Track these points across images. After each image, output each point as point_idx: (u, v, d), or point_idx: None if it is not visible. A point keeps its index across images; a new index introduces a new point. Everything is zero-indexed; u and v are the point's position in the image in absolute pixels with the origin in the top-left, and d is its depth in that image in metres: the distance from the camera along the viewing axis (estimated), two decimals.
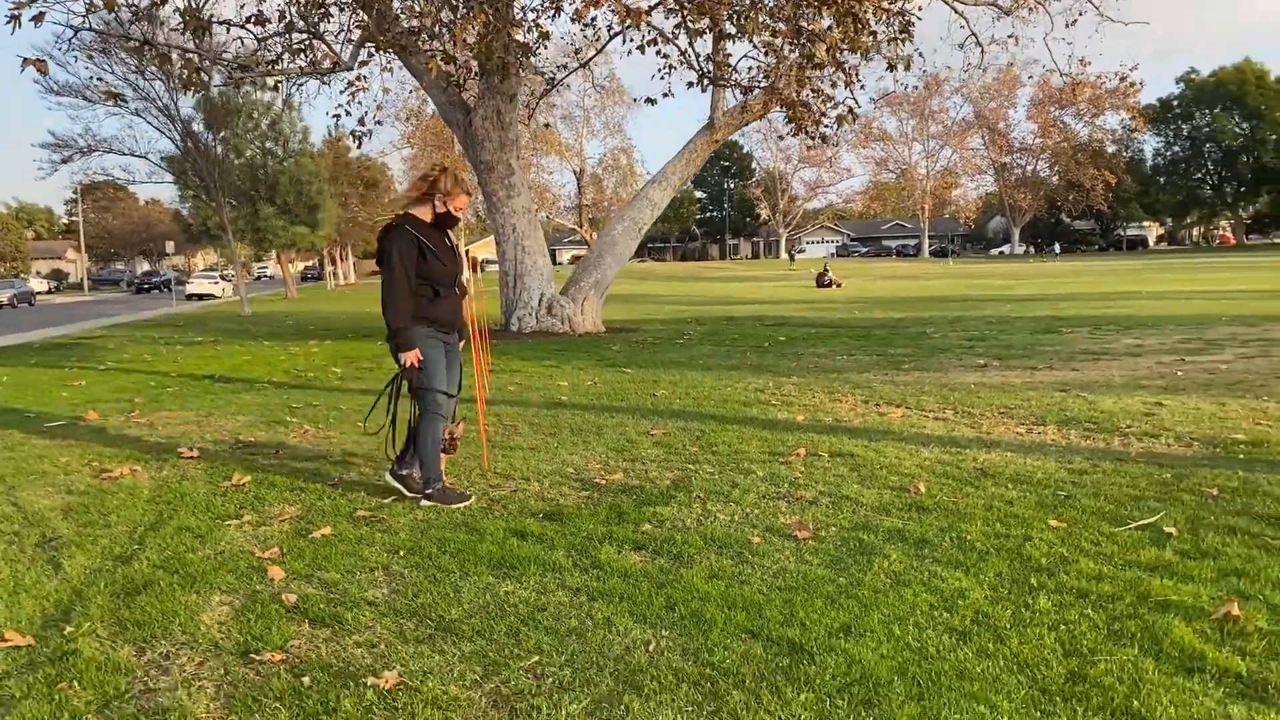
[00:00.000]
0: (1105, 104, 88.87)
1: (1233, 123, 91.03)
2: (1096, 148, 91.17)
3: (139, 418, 8.64)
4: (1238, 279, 30.99)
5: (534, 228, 17.38)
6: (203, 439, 7.41)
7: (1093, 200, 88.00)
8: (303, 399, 9.50)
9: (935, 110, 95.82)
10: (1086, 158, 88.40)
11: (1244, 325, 14.19)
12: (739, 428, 7.09)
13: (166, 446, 7.08)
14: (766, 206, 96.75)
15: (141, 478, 6.10)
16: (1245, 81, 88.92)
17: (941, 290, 31.54)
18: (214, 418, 8.47)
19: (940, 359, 11.32)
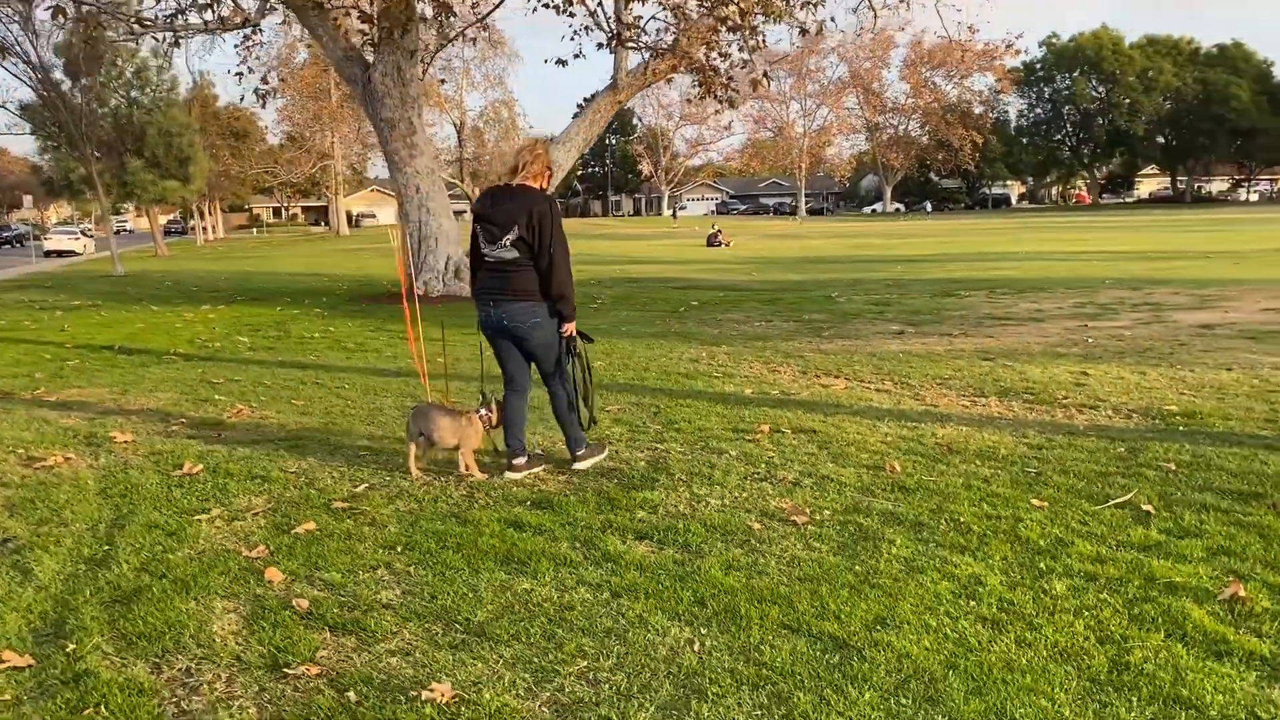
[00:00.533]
0: (974, 66, 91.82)
1: (1090, 87, 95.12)
2: (965, 109, 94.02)
3: (47, 395, 8.16)
4: (1103, 239, 32.58)
5: (439, 189, 16.98)
6: (129, 421, 7.04)
7: (961, 160, 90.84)
8: (221, 373, 9.11)
9: (812, 69, 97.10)
10: (955, 118, 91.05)
11: (1128, 289, 14.95)
12: (692, 402, 7.13)
13: (92, 430, 6.71)
14: (648, 163, 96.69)
15: (79, 467, 5.77)
16: (1102, 47, 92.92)
17: (827, 250, 32.21)
18: (131, 395, 8.06)
19: (856, 325, 11.58)
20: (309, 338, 11.76)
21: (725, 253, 32.72)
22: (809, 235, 48.34)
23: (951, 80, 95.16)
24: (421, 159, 16.77)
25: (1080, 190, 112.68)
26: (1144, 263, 20.77)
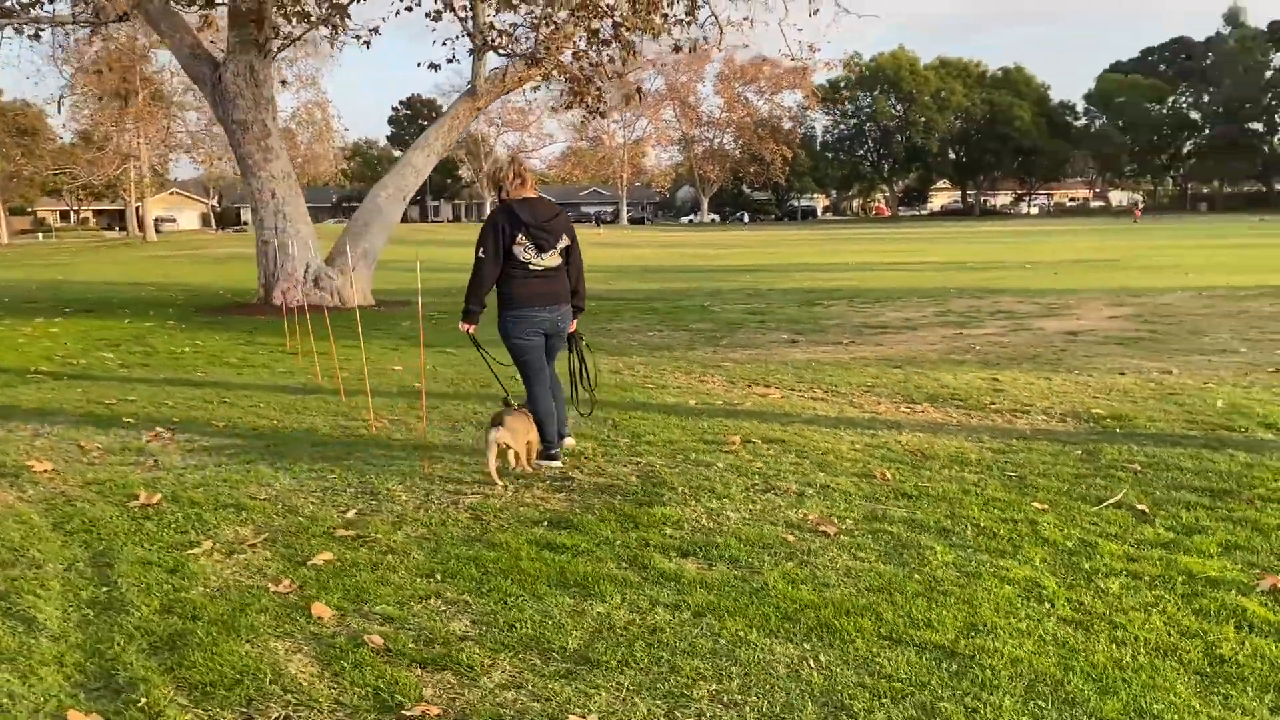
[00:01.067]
0: (784, 83, 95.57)
1: (890, 105, 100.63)
2: (775, 124, 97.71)
3: None
4: (919, 250, 34.54)
5: (295, 193, 16.26)
6: (34, 447, 6.43)
7: (773, 173, 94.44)
8: (109, 394, 8.42)
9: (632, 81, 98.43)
10: (767, 133, 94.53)
11: (974, 298, 15.92)
12: (643, 414, 7.12)
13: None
14: (469, 169, 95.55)
15: (9, 500, 5.22)
16: (900, 68, 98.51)
17: (663, 259, 32.77)
18: (18, 421, 7.34)
19: (748, 334, 11.85)
20: (180, 353, 11.02)
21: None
22: (637, 244, 49.00)
23: (763, 96, 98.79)
24: (277, 163, 16.03)
25: (879, 203, 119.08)
26: (972, 273, 22.16)
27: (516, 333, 5.65)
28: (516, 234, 5.51)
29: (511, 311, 5.62)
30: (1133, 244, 34.82)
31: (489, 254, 5.52)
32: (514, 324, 5.63)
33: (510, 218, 5.53)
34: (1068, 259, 26.67)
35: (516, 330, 5.64)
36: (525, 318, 5.62)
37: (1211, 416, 6.62)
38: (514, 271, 5.56)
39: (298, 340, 11.24)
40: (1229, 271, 19.99)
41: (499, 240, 5.51)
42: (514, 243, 5.52)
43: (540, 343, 5.72)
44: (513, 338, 5.67)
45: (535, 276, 5.59)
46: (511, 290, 5.60)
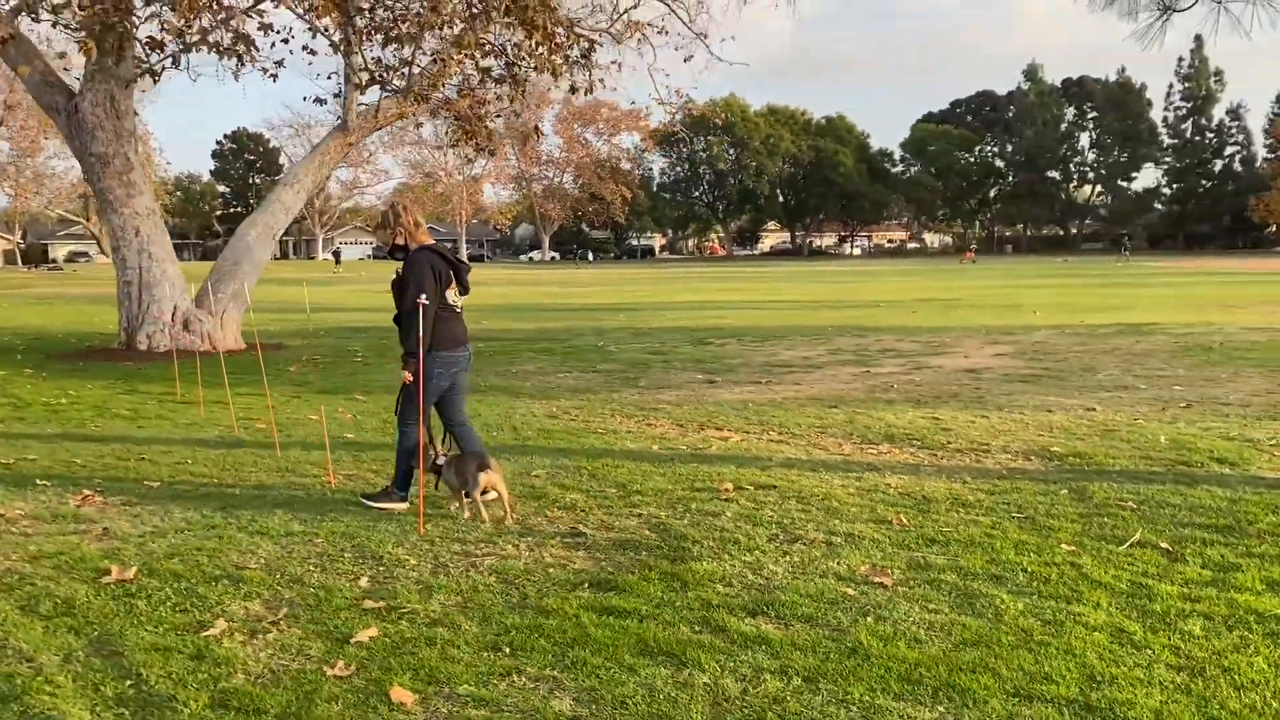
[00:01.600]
0: (621, 125, 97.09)
1: (723, 149, 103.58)
2: (614, 164, 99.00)
3: None
4: (768, 289, 35.44)
5: (161, 231, 15.24)
6: None
7: (613, 212, 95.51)
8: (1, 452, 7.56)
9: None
10: (607, 173, 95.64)
11: (855, 335, 16.40)
12: (613, 461, 6.90)
13: None
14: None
15: None
16: (733, 113, 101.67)
17: (523, 297, 32.42)
18: None
19: (660, 375, 11.76)
20: (57, 405, 10.04)
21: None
22: (490, 282, 48.42)
23: (601, 137, 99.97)
24: (141, 198, 14.99)
25: (713, 243, 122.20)
26: (836, 311, 22.86)
27: (440, 375, 5.71)
28: (450, 277, 5.65)
29: (440, 353, 5.66)
30: (967, 284, 36.79)
31: (432, 298, 5.52)
32: (439, 366, 5.68)
33: (443, 261, 5.65)
34: (914, 298, 27.91)
35: (441, 372, 5.71)
36: (450, 359, 5.73)
37: (1163, 452, 6.94)
38: (443, 314, 5.65)
39: (198, 389, 10.46)
40: (1071, 311, 21.35)
41: (438, 284, 5.57)
42: (449, 286, 5.66)
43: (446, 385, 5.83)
44: (434, 380, 5.69)
45: (456, 318, 5.77)
46: (442, 332, 5.64)
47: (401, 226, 5.68)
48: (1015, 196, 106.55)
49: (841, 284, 39.69)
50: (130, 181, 14.87)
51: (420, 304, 5.46)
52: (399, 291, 5.63)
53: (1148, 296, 26.38)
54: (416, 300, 5.46)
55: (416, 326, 5.47)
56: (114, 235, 14.90)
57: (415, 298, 5.46)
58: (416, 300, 5.46)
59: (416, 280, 5.50)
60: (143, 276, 14.82)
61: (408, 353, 5.59)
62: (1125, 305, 22.85)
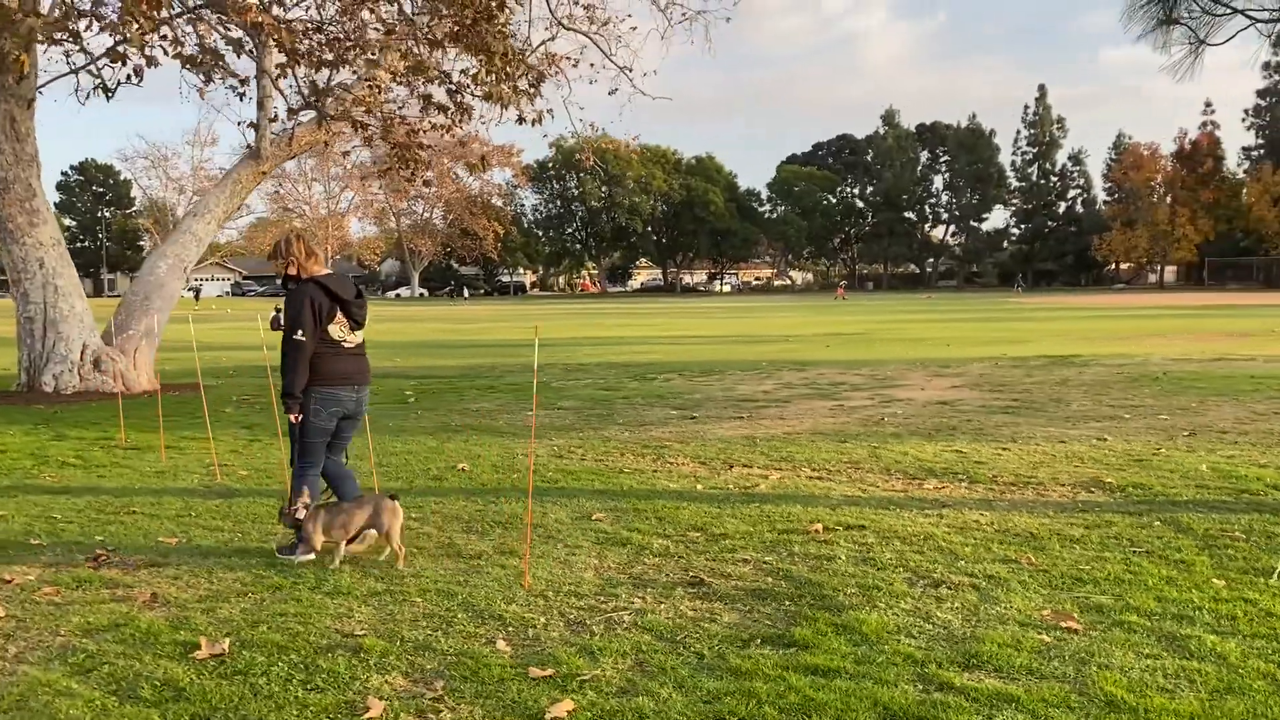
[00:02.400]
0: (493, 161, 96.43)
1: (596, 186, 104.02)
2: (486, 200, 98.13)
3: None
4: (666, 324, 35.41)
5: (67, 263, 14.02)
6: None
7: (485, 248, 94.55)
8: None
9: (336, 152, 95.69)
10: (479, 209, 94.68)
11: (793, 369, 16.36)
12: (668, 503, 6.48)
13: None
14: (153, 238, 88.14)
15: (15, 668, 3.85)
16: (605, 151, 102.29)
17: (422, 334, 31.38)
18: None
19: (633, 411, 11.36)
20: None
21: None
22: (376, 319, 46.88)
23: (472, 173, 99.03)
24: (45, 228, 13.77)
25: (585, 279, 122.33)
26: (747, 345, 22.90)
27: (317, 412, 5.42)
28: (334, 311, 5.37)
29: (320, 390, 5.39)
30: (854, 319, 37.67)
31: (309, 333, 5.27)
32: (317, 403, 5.40)
33: (326, 294, 5.35)
34: (815, 333, 28.31)
35: (319, 410, 5.42)
36: (333, 397, 5.44)
37: (1215, 481, 6.97)
38: (325, 349, 5.38)
39: (155, 434, 9.54)
40: (978, 344, 21.98)
41: (317, 318, 5.31)
42: (332, 320, 5.37)
43: (334, 425, 5.54)
44: (314, 417, 5.43)
45: (348, 355, 5.48)
46: (323, 368, 5.37)
47: (292, 256, 5.39)
48: (875, 236, 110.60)
49: (736, 319, 40.09)
50: (33, 209, 13.65)
51: (294, 339, 5.25)
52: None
53: (1037, 330, 27.48)
54: (292, 336, 5.25)
55: (292, 363, 5.27)
56: (14, 268, 13.60)
57: (291, 333, 5.25)
58: (292, 336, 5.25)
59: (292, 315, 5.28)
60: (47, 312, 13.57)
61: (284, 391, 5.34)
62: (1023, 339, 23.67)
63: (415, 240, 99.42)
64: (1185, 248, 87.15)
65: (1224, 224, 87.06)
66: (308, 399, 5.37)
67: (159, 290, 15.06)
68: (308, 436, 5.46)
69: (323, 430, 5.48)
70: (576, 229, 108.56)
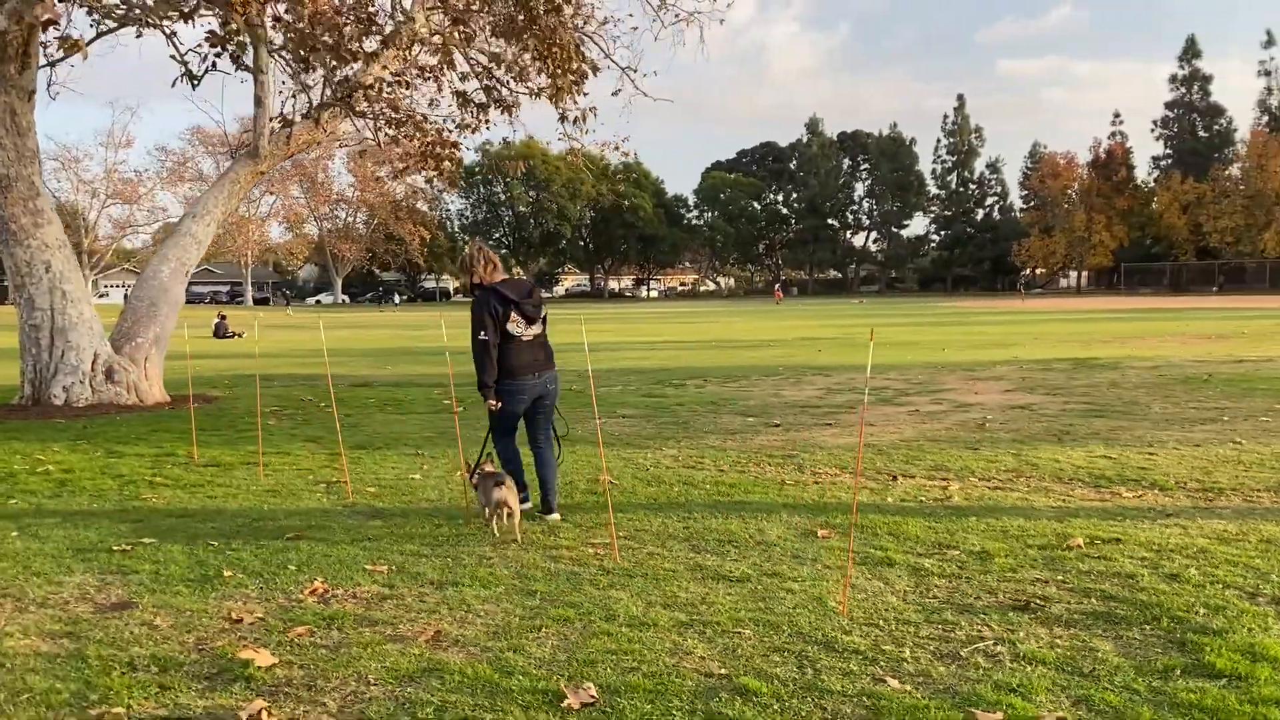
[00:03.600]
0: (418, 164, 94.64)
1: (524, 191, 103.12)
2: (411, 205, 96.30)
3: None
4: (624, 329, 34.97)
5: (74, 267, 13.07)
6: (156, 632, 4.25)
7: (411, 254, 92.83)
8: (106, 538, 5.91)
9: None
10: (405, 214, 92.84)
11: (819, 374, 16.13)
12: (880, 517, 6.12)
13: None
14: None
15: None
16: (534, 156, 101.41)
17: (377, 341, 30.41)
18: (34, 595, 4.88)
19: (711, 419, 10.96)
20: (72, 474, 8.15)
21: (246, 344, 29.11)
22: (309, 325, 45.51)
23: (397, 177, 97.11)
24: (50, 228, 12.80)
25: None
26: (733, 350, 22.65)
27: (508, 400, 6.18)
28: (506, 309, 6.09)
29: (504, 382, 6.13)
30: (821, 324, 37.77)
31: (491, 333, 6.04)
32: (505, 392, 6.15)
33: (498, 297, 6.10)
34: (792, 337, 28.19)
35: (507, 397, 6.17)
36: (522, 383, 6.18)
37: None
38: (506, 345, 6.11)
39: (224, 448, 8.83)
40: (972, 348, 22.12)
41: (495, 319, 6.07)
42: (508, 320, 6.09)
43: (522, 409, 6.28)
44: (505, 404, 6.18)
45: (526, 345, 6.19)
46: (503, 362, 6.11)
47: (475, 269, 6.21)
48: (800, 242, 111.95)
49: (692, 323, 39.90)
50: (37, 209, 12.68)
51: (479, 339, 6.04)
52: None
53: (1012, 334, 27.81)
54: (475, 337, 6.06)
55: (479, 360, 6.07)
56: (17, 272, 12.58)
57: (474, 335, 6.06)
58: (475, 337, 6.06)
59: (474, 319, 6.10)
60: (55, 319, 12.59)
61: (479, 384, 6.11)
62: (1007, 343, 23.86)
63: (338, 245, 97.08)
64: (1101, 253, 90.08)
65: (1136, 230, 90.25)
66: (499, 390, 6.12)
67: (164, 296, 14.12)
68: (500, 421, 6.25)
69: (514, 413, 6.27)
70: (504, 234, 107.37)
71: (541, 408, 6.34)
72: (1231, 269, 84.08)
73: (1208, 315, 37.41)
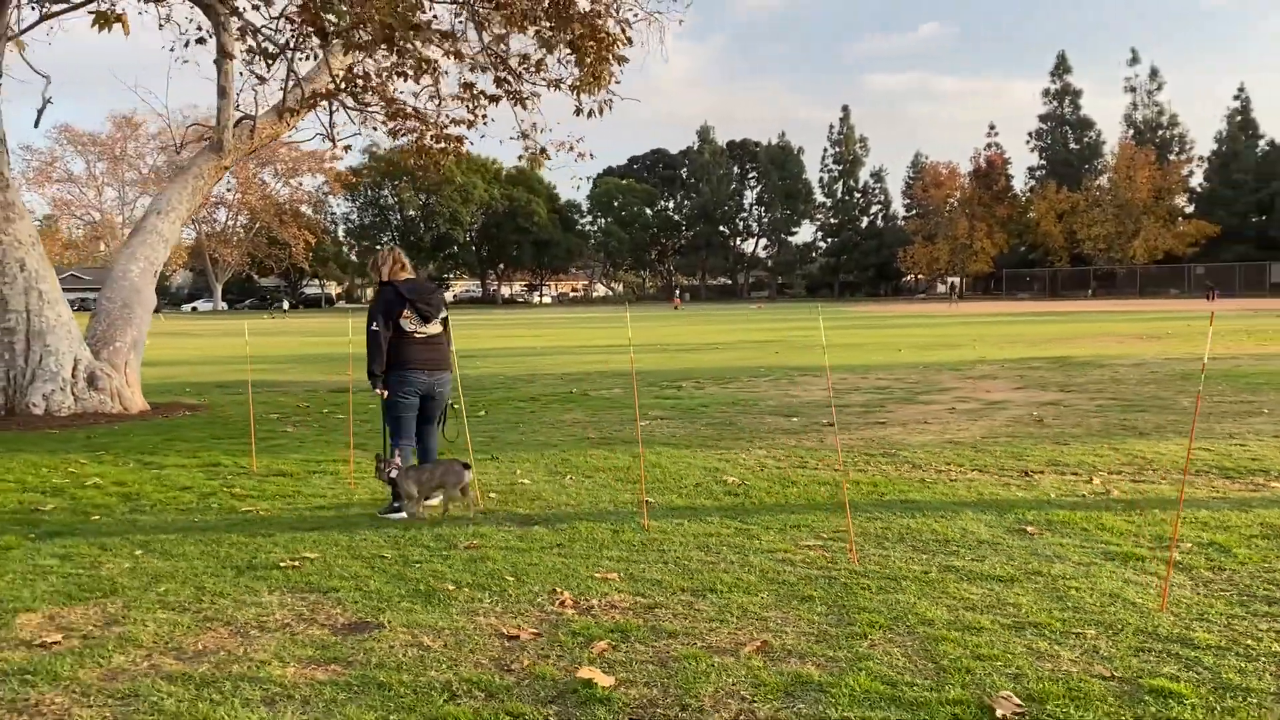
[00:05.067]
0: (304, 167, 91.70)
1: (413, 195, 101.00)
2: (295, 208, 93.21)
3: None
4: (559, 334, 34.50)
5: (48, 266, 12.04)
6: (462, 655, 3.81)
7: (295, 258, 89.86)
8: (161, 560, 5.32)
9: (131, 155, 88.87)
10: (290, 217, 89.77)
11: (807, 375, 16.10)
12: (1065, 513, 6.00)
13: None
14: None
15: None
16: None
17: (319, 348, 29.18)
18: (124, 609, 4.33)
19: (753, 420, 10.75)
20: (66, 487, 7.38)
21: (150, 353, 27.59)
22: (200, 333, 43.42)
23: (280, 178, 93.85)
24: (22, 223, 11.75)
25: None
26: (681, 354, 22.51)
27: (396, 389, 6.55)
28: (401, 307, 6.51)
29: (395, 371, 6.54)
30: (748, 327, 37.99)
31: (381, 325, 6.47)
32: (397, 383, 6.55)
33: (397, 294, 6.54)
34: (729, 340, 28.19)
35: (396, 387, 6.55)
36: (413, 379, 6.57)
37: None
38: (400, 339, 6.53)
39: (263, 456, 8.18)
40: (927, 349, 22.51)
41: (389, 311, 6.51)
42: (401, 315, 6.51)
43: (415, 402, 6.64)
44: (393, 393, 6.56)
45: (418, 343, 6.59)
46: (397, 355, 6.53)
47: (382, 268, 6.69)
48: (693, 248, 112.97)
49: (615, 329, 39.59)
50: (7, 203, 11.62)
51: (371, 330, 6.49)
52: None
53: (950, 335, 28.45)
54: (368, 328, 6.50)
55: (369, 349, 6.49)
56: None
57: (368, 326, 6.50)
58: (368, 328, 6.50)
59: (369, 312, 6.59)
60: (31, 322, 11.53)
61: (368, 372, 6.54)
62: (953, 344, 24.40)
63: (218, 250, 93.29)
64: (983, 260, 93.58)
65: (1015, 238, 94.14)
66: (389, 379, 6.52)
67: (137, 297, 13.12)
68: (392, 411, 6.58)
69: (406, 404, 6.60)
70: (392, 238, 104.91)
71: (429, 405, 6.74)
72: (1104, 274, 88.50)
73: (1113, 318, 39.16)
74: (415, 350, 6.54)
